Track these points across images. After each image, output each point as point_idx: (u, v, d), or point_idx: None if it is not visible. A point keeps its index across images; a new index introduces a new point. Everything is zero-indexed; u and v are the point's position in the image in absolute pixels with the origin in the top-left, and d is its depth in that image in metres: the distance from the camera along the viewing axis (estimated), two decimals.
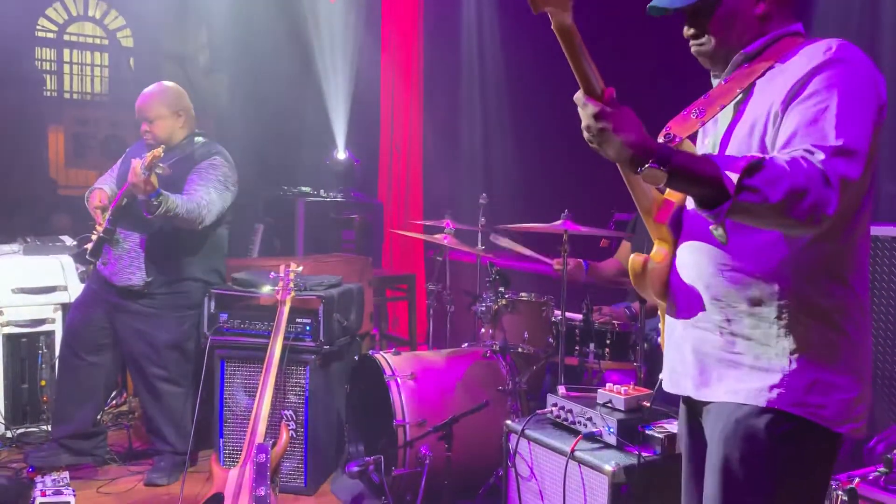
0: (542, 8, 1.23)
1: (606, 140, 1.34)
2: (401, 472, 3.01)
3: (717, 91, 1.56)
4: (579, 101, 1.35)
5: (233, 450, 3.37)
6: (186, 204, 3.25)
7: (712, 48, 1.57)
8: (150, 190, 3.11)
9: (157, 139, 3.40)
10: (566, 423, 2.56)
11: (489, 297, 3.42)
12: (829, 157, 1.31)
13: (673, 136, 1.51)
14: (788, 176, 1.28)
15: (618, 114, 1.33)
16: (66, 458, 3.43)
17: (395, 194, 6.20)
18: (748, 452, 1.47)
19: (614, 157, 1.36)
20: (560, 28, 1.28)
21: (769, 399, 1.45)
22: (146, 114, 3.42)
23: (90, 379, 3.45)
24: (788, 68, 1.46)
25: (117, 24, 8.33)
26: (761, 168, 1.29)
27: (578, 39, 1.29)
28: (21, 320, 3.87)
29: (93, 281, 3.48)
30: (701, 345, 1.56)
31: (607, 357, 3.29)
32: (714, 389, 1.54)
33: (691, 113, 1.53)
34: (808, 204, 1.28)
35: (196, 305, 3.44)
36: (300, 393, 3.34)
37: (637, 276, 1.65)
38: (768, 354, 1.46)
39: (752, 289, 1.47)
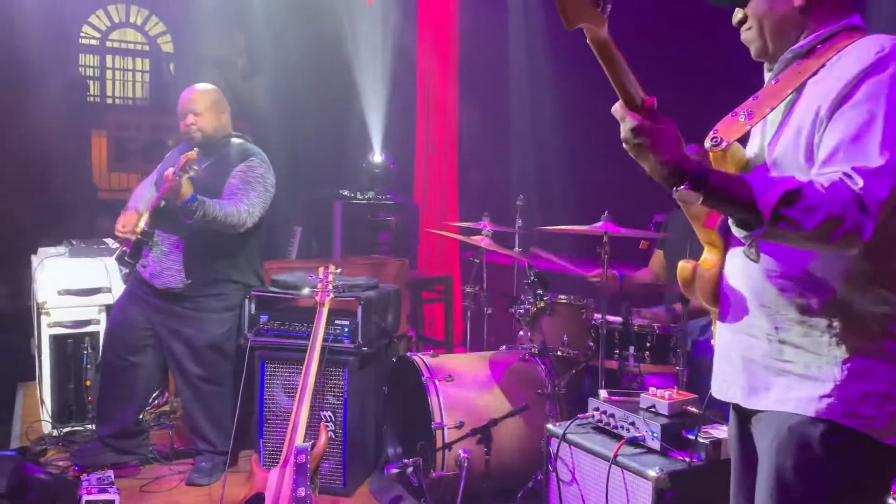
0: (577, 25, 1.21)
1: (642, 156, 1.32)
2: (439, 474, 3.00)
3: (766, 91, 1.52)
4: (617, 113, 1.32)
5: (273, 450, 3.40)
6: (225, 208, 3.28)
7: (755, 36, 1.55)
8: (186, 195, 3.15)
9: (203, 131, 3.43)
10: (608, 427, 2.53)
11: (527, 299, 3.40)
12: (869, 181, 1.30)
13: (720, 139, 1.48)
14: (825, 204, 1.27)
15: (656, 130, 1.30)
16: (111, 457, 3.49)
17: (431, 196, 6.21)
18: (801, 462, 1.44)
19: (649, 173, 1.34)
20: (596, 42, 1.25)
21: (819, 409, 1.42)
22: (194, 106, 3.44)
23: (132, 379, 3.50)
24: (838, 68, 1.41)
25: (158, 30, 8.48)
26: (798, 196, 1.28)
27: (615, 51, 1.26)
28: (67, 321, 3.95)
29: (133, 283, 3.53)
30: (748, 352, 1.53)
31: (647, 360, 3.25)
32: (762, 398, 1.51)
33: (739, 115, 1.49)
34: (843, 231, 1.28)
35: (235, 307, 3.48)
36: (339, 394, 3.35)
37: (686, 283, 1.63)
38: (818, 363, 1.43)
39: (802, 296, 1.44)
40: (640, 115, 1.30)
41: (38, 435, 3.89)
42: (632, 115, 1.30)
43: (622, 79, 1.29)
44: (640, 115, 1.30)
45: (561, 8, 1.17)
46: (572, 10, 1.18)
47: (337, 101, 6.74)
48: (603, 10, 1.20)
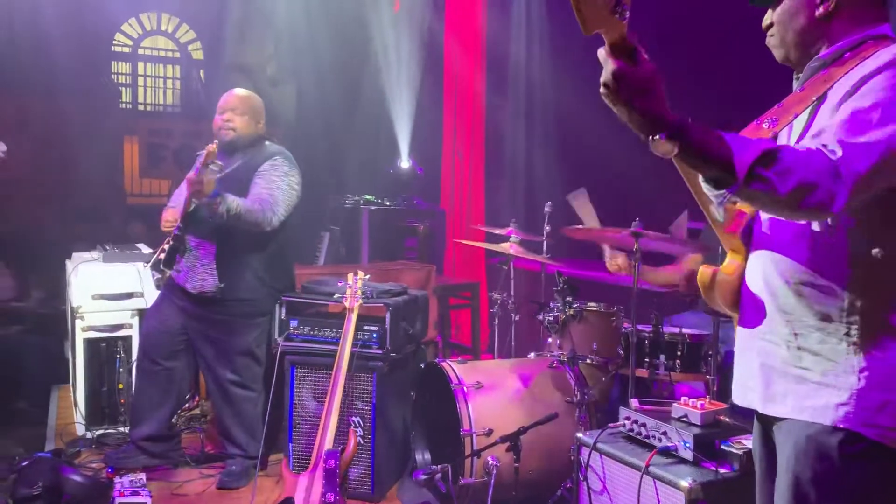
0: (594, 31, 1.19)
1: (620, 101, 1.24)
2: (468, 481, 3.00)
3: (791, 99, 1.52)
4: (602, 55, 1.26)
5: (302, 455, 3.41)
6: (248, 205, 3.31)
7: (777, 42, 1.56)
8: (209, 190, 3.19)
9: (236, 131, 3.47)
10: (640, 437, 2.51)
11: (556, 306, 3.39)
12: (848, 152, 1.28)
13: None
14: (801, 169, 1.26)
15: (637, 74, 1.23)
16: (143, 460, 3.54)
17: (458, 201, 6.22)
18: (819, 472, 1.43)
19: (626, 120, 1.28)
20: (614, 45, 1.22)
21: (836, 418, 1.41)
22: (235, 106, 3.49)
23: (165, 383, 3.55)
24: (858, 71, 1.41)
25: (188, 38, 8.60)
26: (775, 158, 1.27)
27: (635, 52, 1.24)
28: (100, 325, 4.01)
29: (167, 288, 3.57)
30: (767, 358, 1.53)
31: (678, 369, 3.23)
32: (780, 405, 1.51)
33: (764, 122, 1.49)
34: (816, 199, 1.27)
35: (266, 312, 3.51)
36: (367, 399, 3.37)
37: (706, 289, 1.62)
38: (836, 371, 1.42)
39: (821, 303, 1.44)
40: (623, 58, 1.23)
41: (72, 437, 3.95)
42: (614, 60, 1.23)
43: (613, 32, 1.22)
44: (620, 60, 1.23)
45: (579, 15, 1.16)
46: (590, 17, 1.16)
47: (364, 108, 6.79)
48: (621, 16, 1.17)
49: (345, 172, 6.67)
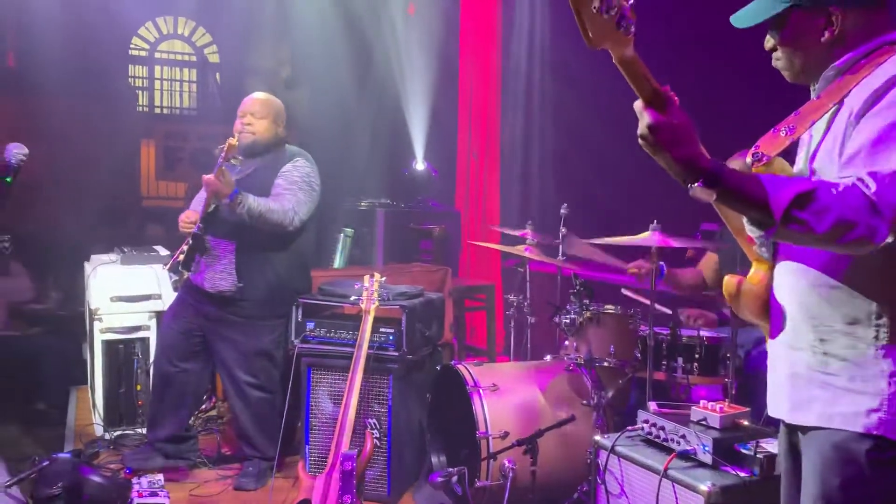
0: (600, 46, 1.21)
1: (658, 153, 1.33)
2: (484, 484, 3.00)
3: (808, 107, 1.52)
4: (638, 109, 1.33)
5: (318, 456, 3.42)
6: (269, 204, 3.32)
7: (786, 65, 1.57)
8: (228, 189, 3.21)
9: (256, 134, 3.48)
10: (658, 440, 2.50)
11: (573, 308, 3.38)
12: (882, 186, 1.30)
13: (762, 154, 1.48)
14: (837, 207, 1.28)
15: (672, 126, 1.31)
16: (160, 461, 3.55)
17: (473, 203, 6.22)
18: (847, 479, 1.42)
19: (666, 169, 1.36)
20: (621, 62, 1.26)
21: (868, 424, 1.40)
22: (255, 109, 3.50)
23: (183, 385, 3.57)
24: (874, 77, 1.42)
25: (204, 41, 8.67)
26: (810, 199, 1.29)
27: (641, 68, 1.27)
28: (119, 327, 4.03)
29: (185, 290, 3.59)
30: (794, 365, 1.52)
31: (696, 372, 3.21)
32: (806, 412, 1.50)
33: (781, 130, 1.50)
34: (856, 235, 1.29)
35: (284, 314, 3.52)
36: (383, 402, 3.37)
37: (732, 298, 1.62)
38: (864, 376, 1.41)
39: (848, 307, 1.43)
40: (657, 111, 1.30)
41: (91, 438, 3.98)
42: (649, 112, 1.31)
43: (645, 86, 1.30)
44: (654, 112, 1.30)
45: (583, 31, 1.19)
46: (595, 33, 1.19)
47: (379, 110, 6.81)
48: (626, 32, 1.20)
49: (360, 175, 6.68)
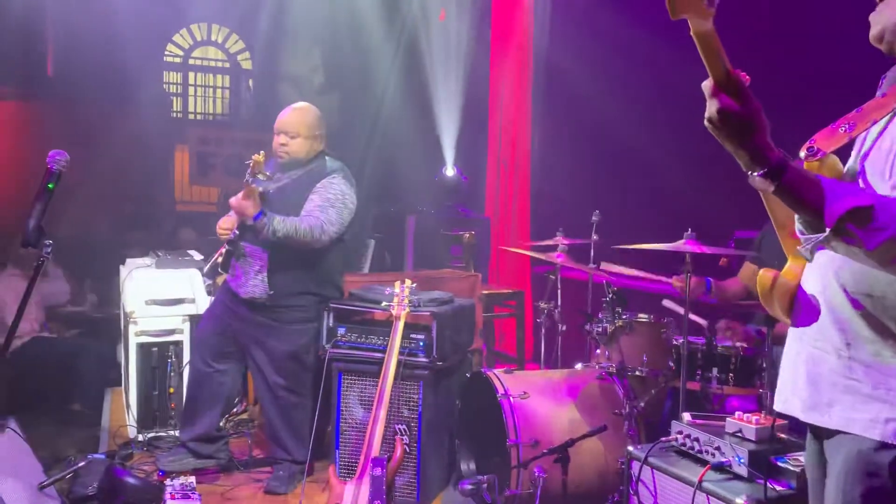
0: (681, 14, 1.19)
1: (726, 137, 1.30)
2: (513, 492, 2.98)
3: (871, 105, 1.48)
4: (707, 90, 1.30)
5: (348, 461, 3.43)
6: (296, 224, 3.34)
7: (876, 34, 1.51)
8: (253, 212, 3.26)
9: (291, 155, 3.51)
10: (692, 451, 2.46)
11: (605, 316, 3.35)
12: None
13: (817, 149, 1.45)
14: (892, 227, 1.26)
15: (743, 113, 1.27)
16: (193, 462, 3.60)
17: (503, 210, 6.21)
18: (868, 491, 1.40)
19: (729, 149, 1.33)
20: (699, 34, 1.23)
21: (885, 433, 1.38)
22: (288, 128, 3.51)
23: (216, 386, 3.61)
24: None
25: (237, 48, 8.78)
26: (867, 215, 1.26)
27: (717, 44, 1.24)
28: (153, 330, 4.08)
29: (222, 292, 3.65)
30: (816, 366, 1.49)
31: (730, 383, 3.17)
32: (823, 414, 1.47)
33: (840, 127, 1.46)
34: None
35: (315, 319, 3.54)
36: (413, 408, 3.37)
37: (765, 293, 1.59)
38: (888, 384, 1.39)
39: (878, 315, 1.40)
40: (729, 95, 1.27)
41: (125, 439, 4.04)
42: (720, 97, 1.27)
43: (720, 67, 1.26)
44: (727, 97, 1.27)
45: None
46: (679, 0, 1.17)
47: (410, 116, 6.83)
48: (710, 4, 1.18)
49: (389, 180, 6.72)
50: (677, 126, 4.86)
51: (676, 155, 5.01)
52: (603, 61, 5.68)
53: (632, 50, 5.34)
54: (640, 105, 5.43)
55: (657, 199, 5.23)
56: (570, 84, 6.07)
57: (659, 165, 5.21)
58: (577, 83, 6.00)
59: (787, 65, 4.49)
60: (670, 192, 5.07)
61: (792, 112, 2.74)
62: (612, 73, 5.61)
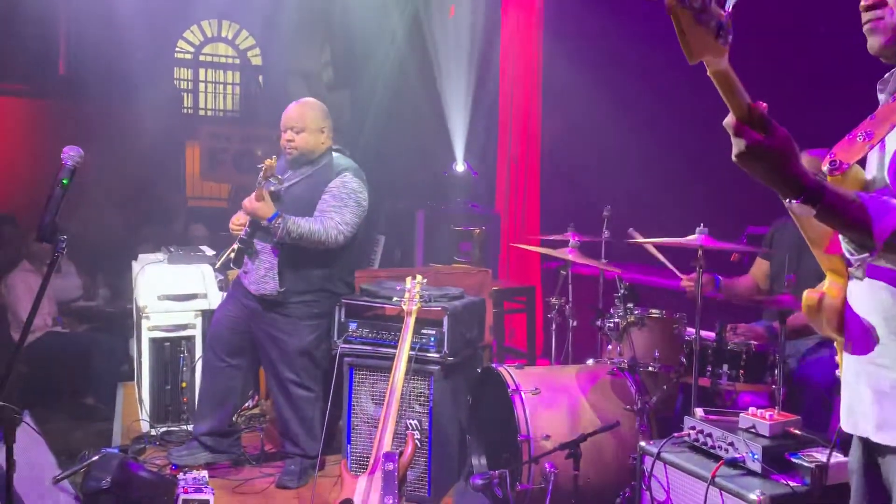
0: (699, 58, 1.20)
1: (758, 172, 1.29)
2: (525, 487, 2.98)
3: (884, 110, 1.44)
4: (730, 127, 1.28)
5: (360, 456, 3.44)
6: (311, 225, 3.35)
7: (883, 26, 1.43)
8: (267, 214, 3.27)
9: (299, 150, 3.52)
10: (705, 447, 2.46)
11: (617, 312, 3.34)
12: None
13: (839, 162, 1.41)
14: None
15: (773, 144, 1.26)
16: (205, 456, 3.61)
17: (513, 205, 6.20)
18: None
19: (764, 182, 1.31)
20: (716, 73, 1.23)
21: None
22: (293, 123, 3.51)
23: (229, 380, 3.63)
24: None
25: (247, 44, 8.81)
26: None
27: (735, 81, 1.24)
28: (165, 325, 4.11)
29: (235, 287, 3.66)
30: (878, 383, 1.46)
31: (741, 379, 3.15)
32: (892, 431, 1.43)
33: (857, 136, 1.42)
34: None
35: (326, 314, 3.55)
36: (424, 403, 3.38)
37: (812, 312, 1.56)
38: None
39: None
40: (754, 130, 1.26)
41: (138, 434, 4.06)
42: (746, 133, 1.26)
43: (739, 101, 1.26)
44: (753, 132, 1.25)
45: (684, 43, 1.17)
46: (695, 44, 1.17)
47: (420, 112, 6.83)
48: (724, 42, 1.18)
49: (399, 175, 6.72)
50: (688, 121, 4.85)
51: (688, 150, 4.99)
52: (615, 55, 5.66)
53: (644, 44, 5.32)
54: (651, 99, 5.40)
55: (669, 194, 5.20)
56: (581, 79, 6.05)
57: (670, 160, 5.19)
58: (589, 78, 5.98)
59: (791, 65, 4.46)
60: (682, 188, 5.05)
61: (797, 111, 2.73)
62: (624, 68, 5.59)
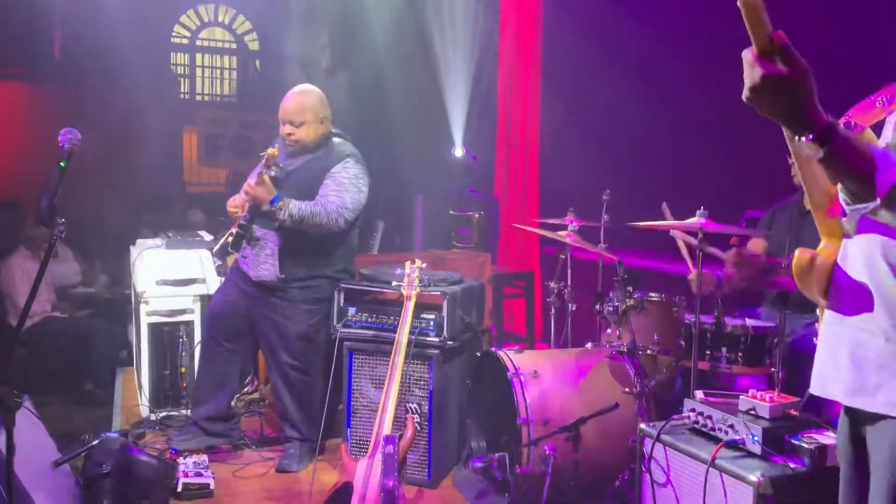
0: None
1: (771, 104, 1.23)
2: (525, 470, 2.99)
3: None
4: (748, 59, 1.21)
5: (360, 439, 3.45)
6: (313, 208, 3.34)
7: None
8: (268, 197, 3.26)
9: (301, 143, 3.50)
10: (705, 429, 2.46)
11: (616, 296, 3.34)
12: None
13: (854, 124, 1.41)
14: None
15: (789, 78, 1.20)
16: (205, 440, 3.62)
17: (512, 190, 6.18)
18: None
19: (774, 117, 1.25)
20: (746, 3, 1.17)
21: None
22: (293, 118, 3.47)
23: (228, 364, 3.63)
24: None
25: (244, 29, 8.75)
26: None
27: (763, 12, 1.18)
28: (164, 310, 4.10)
29: (234, 272, 3.66)
30: (860, 348, 1.46)
31: (740, 362, 3.16)
32: (869, 398, 1.44)
33: (877, 101, 1.42)
34: None
35: (326, 300, 3.54)
36: (424, 387, 3.38)
37: (802, 273, 1.55)
38: None
39: None
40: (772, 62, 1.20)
41: (137, 419, 4.07)
42: (764, 63, 1.19)
43: (762, 30, 1.19)
44: (770, 63, 1.19)
45: None
46: None
47: (419, 97, 6.80)
48: None
49: (398, 161, 6.69)
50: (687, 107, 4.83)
51: (687, 135, 4.97)
52: (614, 40, 5.63)
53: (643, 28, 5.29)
54: (650, 84, 5.38)
55: (669, 178, 5.19)
56: (580, 63, 6.02)
57: (670, 145, 5.18)
58: (588, 62, 5.95)
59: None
60: (682, 172, 5.04)
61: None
62: (623, 52, 5.56)
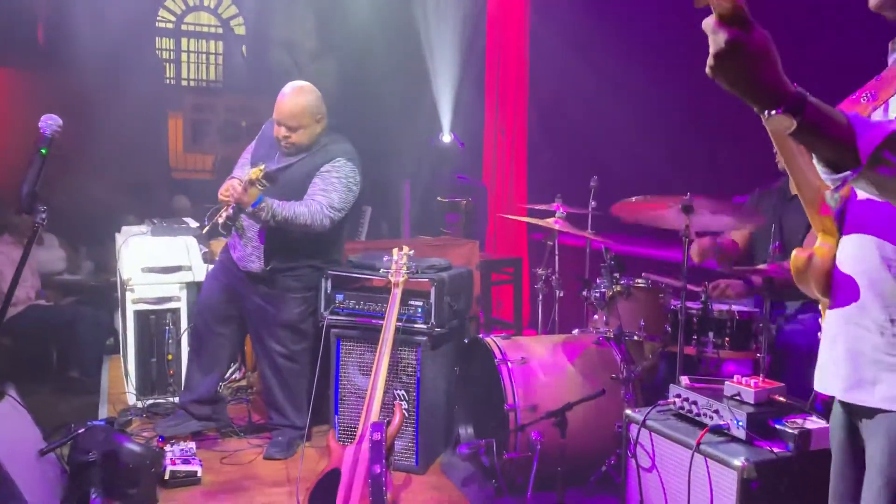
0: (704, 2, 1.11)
1: (736, 75, 1.14)
2: (512, 455, 3.00)
3: (890, 72, 1.41)
4: (710, 26, 1.15)
5: (348, 426, 3.46)
6: (297, 208, 3.31)
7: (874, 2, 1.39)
8: (250, 202, 3.23)
9: (297, 146, 3.45)
10: (690, 414, 2.48)
11: (603, 282, 3.35)
12: None
13: None
14: None
15: (754, 43, 1.13)
16: (192, 425, 3.62)
17: (500, 177, 6.17)
18: None
19: (741, 94, 1.18)
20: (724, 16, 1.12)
21: None
22: (289, 122, 3.39)
23: (217, 348, 3.63)
24: None
25: (230, 13, 8.65)
26: None
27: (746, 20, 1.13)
28: (150, 298, 4.08)
29: (224, 257, 3.64)
30: (856, 344, 1.45)
31: (726, 347, 3.17)
32: (866, 393, 1.43)
33: (862, 96, 1.39)
34: None
35: (314, 287, 3.53)
36: (412, 373, 3.39)
37: (799, 272, 1.54)
38: None
39: None
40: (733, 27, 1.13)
41: (124, 406, 4.06)
42: (725, 29, 1.12)
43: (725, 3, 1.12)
44: (733, 28, 1.12)
45: None
46: None
47: (406, 81, 6.76)
48: None
49: (385, 146, 6.66)
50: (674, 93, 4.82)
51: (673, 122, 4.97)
52: (602, 25, 5.61)
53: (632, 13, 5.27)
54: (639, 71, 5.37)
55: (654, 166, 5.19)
56: (569, 49, 6.00)
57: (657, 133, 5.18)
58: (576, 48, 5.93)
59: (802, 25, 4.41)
60: (668, 160, 5.04)
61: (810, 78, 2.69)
62: (612, 38, 5.54)
